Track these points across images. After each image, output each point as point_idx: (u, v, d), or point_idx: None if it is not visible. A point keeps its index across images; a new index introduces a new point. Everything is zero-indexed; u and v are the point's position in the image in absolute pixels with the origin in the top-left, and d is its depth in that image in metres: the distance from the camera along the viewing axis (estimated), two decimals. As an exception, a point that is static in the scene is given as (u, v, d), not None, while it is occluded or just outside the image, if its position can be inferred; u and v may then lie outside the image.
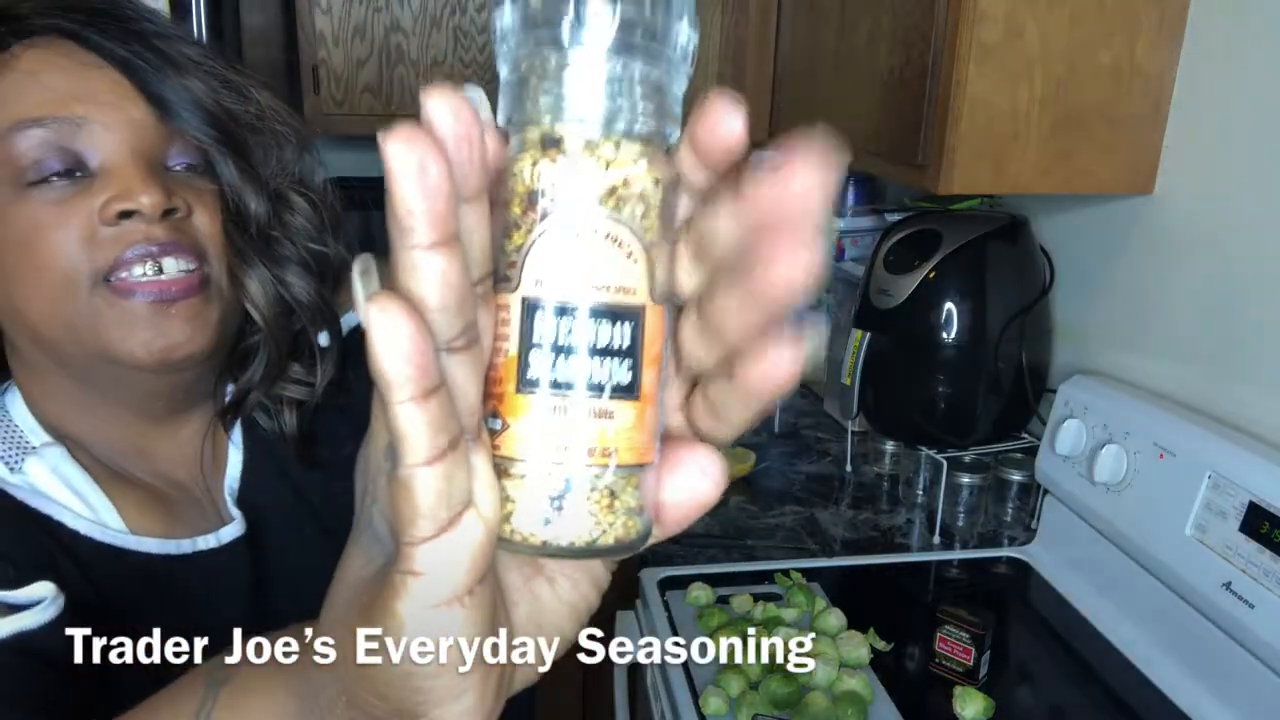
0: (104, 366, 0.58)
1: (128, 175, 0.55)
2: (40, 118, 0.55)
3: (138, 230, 0.55)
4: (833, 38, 1.45)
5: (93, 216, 0.55)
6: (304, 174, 0.65)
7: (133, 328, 0.56)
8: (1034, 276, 1.36)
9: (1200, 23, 1.12)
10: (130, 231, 0.55)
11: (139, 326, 0.56)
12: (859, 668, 1.09)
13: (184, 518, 0.63)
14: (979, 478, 1.40)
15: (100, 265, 0.55)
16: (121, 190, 0.55)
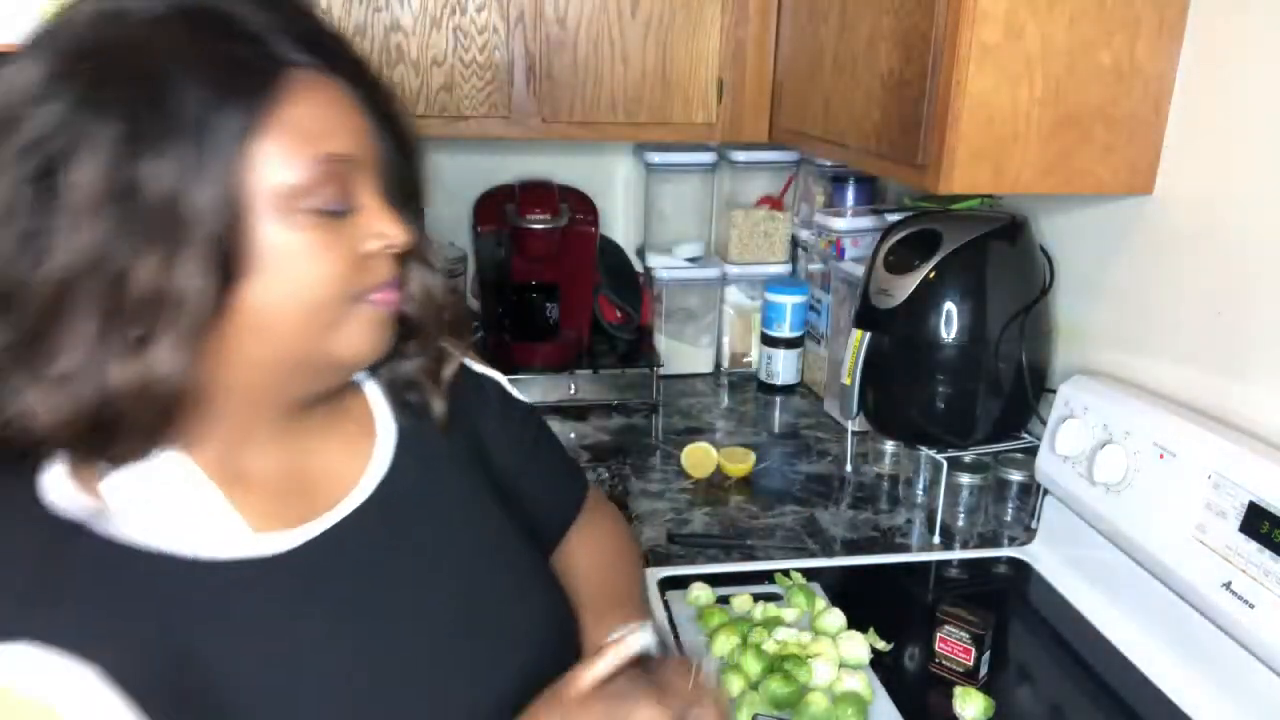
0: (312, 376, 0.68)
1: (384, 217, 0.66)
2: (349, 156, 0.64)
3: (388, 262, 0.68)
4: (833, 38, 1.45)
5: (355, 247, 0.65)
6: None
7: (360, 337, 0.67)
8: (1034, 276, 1.36)
9: (1200, 23, 1.12)
10: (384, 263, 0.67)
11: (371, 333, 0.68)
12: (859, 668, 1.09)
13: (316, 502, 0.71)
14: (979, 478, 1.40)
15: (360, 288, 0.66)
16: (388, 231, 0.66)
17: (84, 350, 0.57)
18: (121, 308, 0.57)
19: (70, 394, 0.57)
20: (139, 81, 0.57)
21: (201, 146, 0.57)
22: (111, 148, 0.56)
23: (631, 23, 1.69)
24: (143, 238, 0.56)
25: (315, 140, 0.62)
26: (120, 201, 0.56)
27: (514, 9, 1.70)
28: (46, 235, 0.56)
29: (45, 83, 0.58)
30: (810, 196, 2.02)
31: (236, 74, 0.59)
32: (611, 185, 2.17)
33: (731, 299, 2.11)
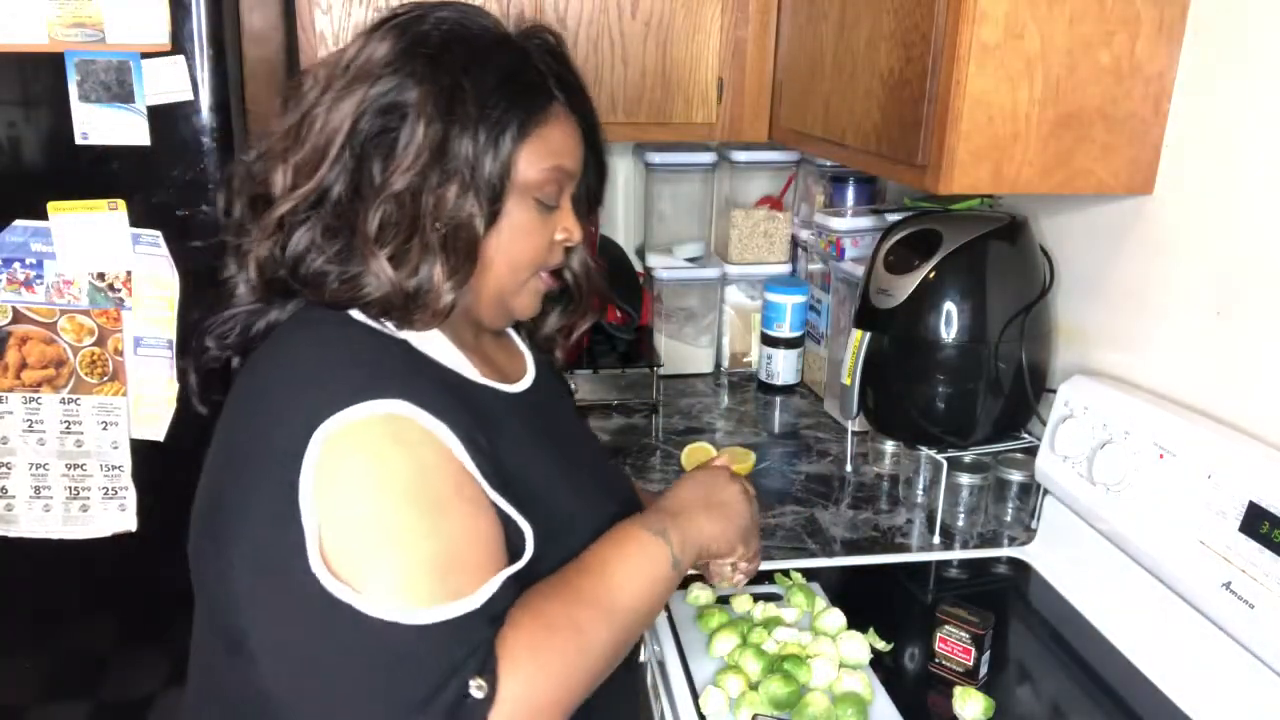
0: (498, 311, 0.93)
1: (572, 219, 0.94)
2: (570, 172, 0.91)
3: (562, 251, 0.96)
4: (833, 38, 1.45)
5: (551, 235, 0.93)
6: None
7: (531, 299, 0.95)
8: (1034, 276, 1.36)
9: (1200, 23, 1.12)
10: (560, 250, 0.95)
11: (535, 299, 0.96)
12: (859, 668, 1.09)
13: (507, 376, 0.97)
14: (979, 478, 1.40)
15: (543, 263, 0.93)
16: (571, 229, 0.94)
17: (405, 245, 0.82)
18: (432, 217, 0.82)
19: (392, 275, 0.81)
20: (465, 75, 0.82)
21: (495, 134, 0.83)
22: (437, 114, 0.81)
23: (631, 23, 1.69)
24: (448, 176, 0.82)
25: (556, 155, 0.88)
26: (437, 150, 0.81)
27: (514, 9, 1.70)
28: (381, 161, 0.82)
29: (396, 56, 0.83)
30: (810, 196, 2.02)
31: (527, 95, 0.86)
32: (612, 185, 2.16)
33: (731, 299, 2.11)
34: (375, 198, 0.81)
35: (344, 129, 0.82)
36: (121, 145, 1.35)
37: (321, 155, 0.82)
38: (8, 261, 1.38)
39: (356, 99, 0.81)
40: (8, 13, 1.29)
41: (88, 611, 1.54)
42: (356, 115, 0.81)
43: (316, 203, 0.83)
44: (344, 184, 0.82)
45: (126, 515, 1.48)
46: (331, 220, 0.83)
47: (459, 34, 0.85)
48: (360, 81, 0.82)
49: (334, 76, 0.84)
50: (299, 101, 0.86)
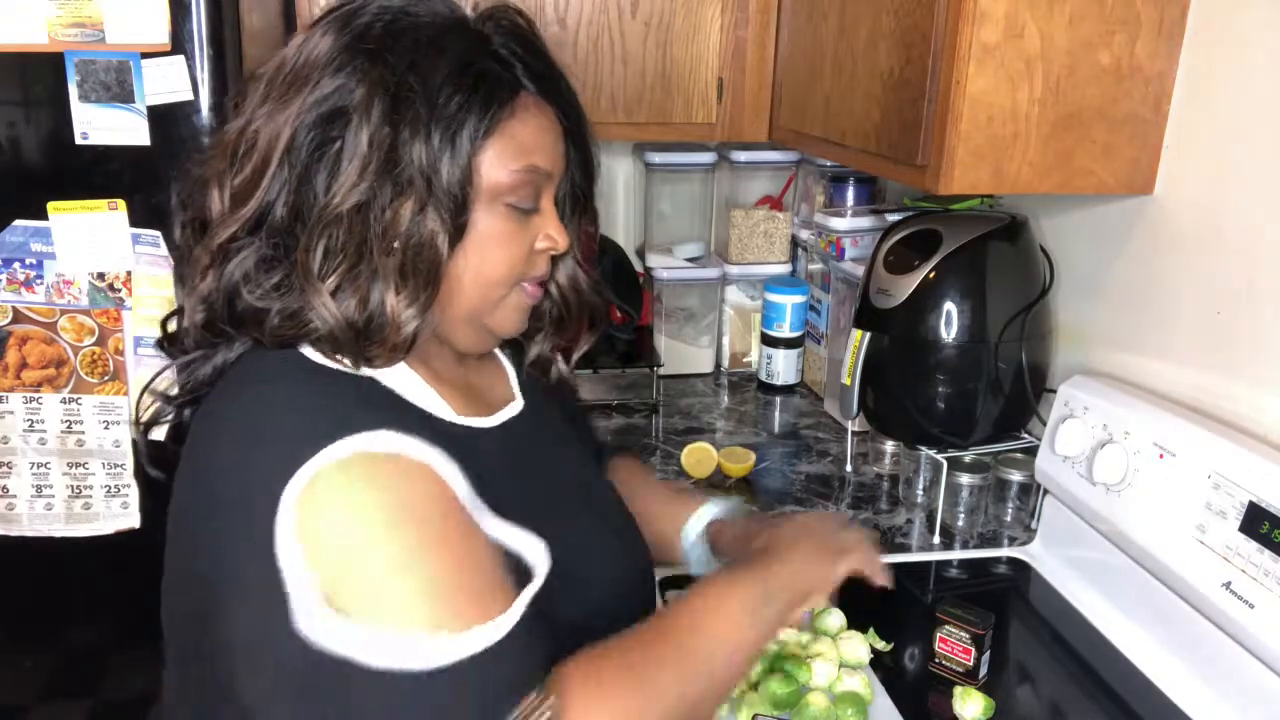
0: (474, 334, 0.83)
1: (555, 223, 0.82)
2: (545, 171, 0.80)
3: (547, 260, 0.85)
4: (833, 38, 1.45)
5: (531, 243, 0.81)
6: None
7: (514, 316, 0.84)
8: (1034, 276, 1.36)
9: (1200, 23, 1.12)
10: (544, 259, 0.84)
11: (517, 315, 0.84)
12: (859, 668, 1.09)
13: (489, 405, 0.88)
14: (979, 478, 1.40)
15: (522, 275, 0.82)
16: (555, 235, 0.82)
17: (352, 272, 0.73)
18: (385, 238, 0.73)
19: (335, 311, 0.72)
20: (412, 71, 0.73)
21: (452, 134, 0.73)
22: (382, 118, 0.72)
23: (631, 23, 1.69)
24: (402, 189, 0.72)
25: (526, 153, 0.78)
26: (385, 159, 0.72)
27: (514, 9, 1.70)
28: (325, 176, 0.73)
29: (336, 54, 0.73)
30: (810, 196, 2.02)
31: (486, 86, 0.75)
32: (611, 185, 2.17)
33: (731, 299, 2.11)
34: (318, 220, 0.72)
35: (281, 142, 0.73)
36: (121, 145, 1.35)
37: (259, 173, 0.73)
38: (8, 261, 1.38)
39: (294, 107, 0.72)
40: (8, 13, 1.29)
41: (89, 611, 1.54)
42: (295, 126, 0.72)
43: (254, 228, 0.75)
44: (283, 203, 0.74)
45: (130, 513, 1.48)
46: (267, 248, 0.74)
47: (404, 23, 0.75)
48: (298, 87, 0.73)
49: (274, 80, 0.75)
50: (239, 113, 0.77)
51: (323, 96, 0.72)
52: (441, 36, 0.75)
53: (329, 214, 0.72)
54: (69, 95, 1.32)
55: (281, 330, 0.74)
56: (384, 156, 0.72)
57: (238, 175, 0.75)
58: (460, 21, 0.78)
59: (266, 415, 0.71)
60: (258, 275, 0.75)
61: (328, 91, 0.72)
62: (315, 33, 0.75)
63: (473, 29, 0.78)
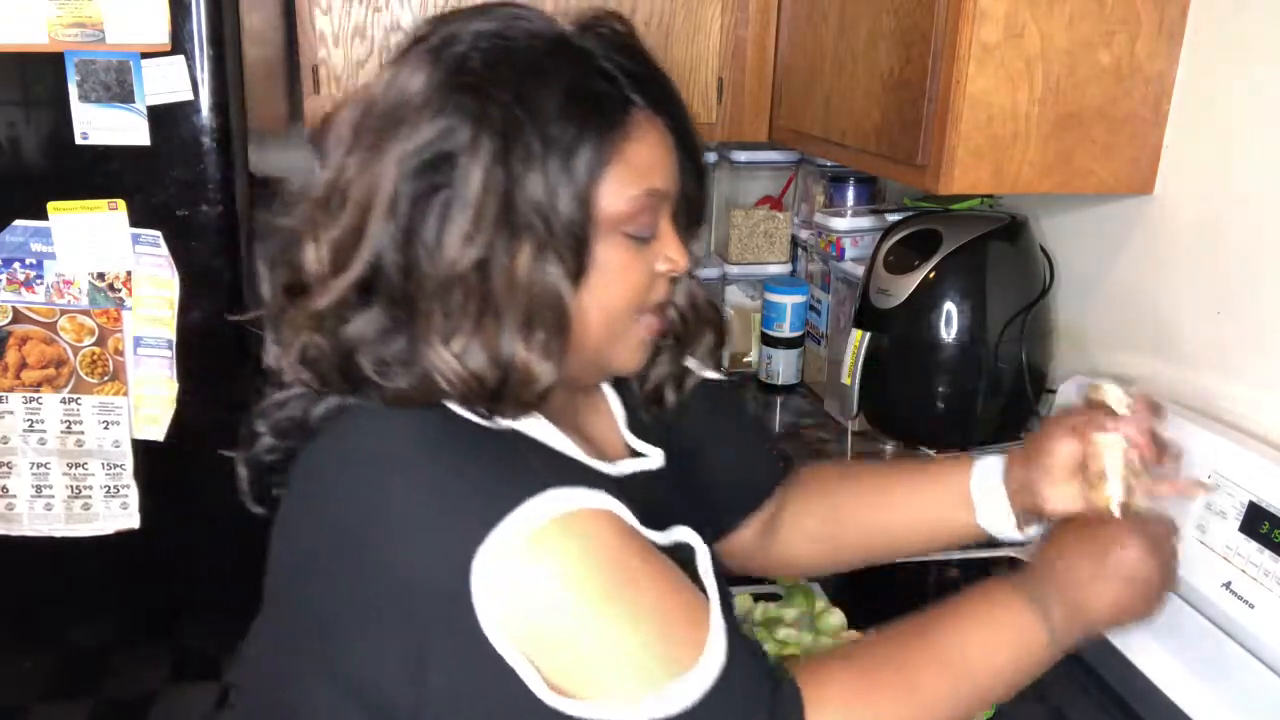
0: (593, 370, 0.78)
1: (675, 244, 0.76)
2: (664, 192, 0.74)
3: (667, 283, 0.77)
4: (833, 38, 1.45)
5: (651, 268, 0.75)
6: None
7: (635, 351, 0.78)
8: (1034, 276, 1.36)
9: (1200, 23, 1.12)
10: (665, 283, 0.77)
11: (639, 351, 0.78)
12: (859, 668, 1.09)
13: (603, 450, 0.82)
14: (979, 478, 1.40)
15: (646, 303, 0.76)
16: (675, 257, 0.75)
17: (478, 330, 0.67)
18: (507, 289, 0.67)
19: (463, 373, 0.67)
20: (519, 103, 0.66)
21: (568, 167, 0.67)
22: (493, 159, 0.65)
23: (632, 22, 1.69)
24: (518, 234, 0.66)
25: (645, 176, 0.71)
26: (501, 203, 0.66)
27: (514, 9, 1.70)
28: (434, 228, 0.66)
29: (433, 92, 0.67)
30: (810, 196, 2.02)
31: (598, 110, 0.69)
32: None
33: (731, 299, 2.11)
34: (435, 279, 0.66)
35: (382, 194, 0.67)
36: (121, 145, 1.35)
37: (359, 229, 0.68)
38: (8, 261, 1.38)
39: (392, 155, 0.66)
40: (8, 13, 1.29)
41: (89, 611, 1.55)
42: (396, 175, 0.66)
43: (364, 288, 0.69)
44: (392, 263, 0.68)
45: (129, 513, 1.48)
46: (386, 315, 0.69)
47: (502, 50, 0.68)
48: (394, 131, 0.67)
49: (362, 124, 0.69)
50: (325, 158, 0.72)
51: (424, 142, 0.66)
52: (545, 60, 0.69)
53: (448, 271, 0.66)
54: (69, 95, 1.32)
55: (408, 396, 0.68)
56: (499, 201, 0.66)
57: (335, 230, 0.69)
58: (560, 40, 0.71)
59: (435, 488, 0.66)
60: (377, 344, 0.69)
61: (429, 136, 0.66)
62: (404, 69, 0.69)
63: (575, 46, 0.71)
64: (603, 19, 0.74)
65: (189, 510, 1.51)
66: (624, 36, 0.75)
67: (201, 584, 1.55)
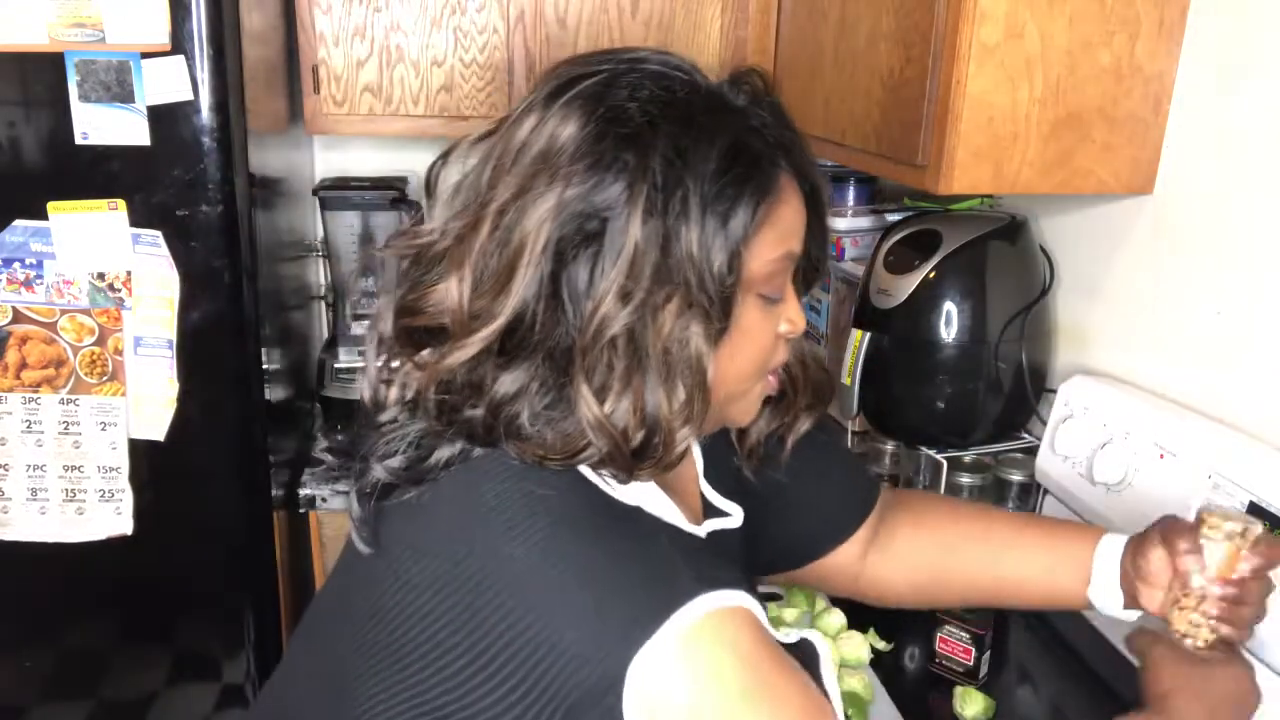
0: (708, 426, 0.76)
1: (796, 307, 0.76)
2: (796, 253, 0.73)
3: (786, 345, 0.77)
4: (833, 38, 1.45)
5: (776, 330, 0.74)
6: None
7: (753, 406, 0.78)
8: (1034, 276, 1.36)
9: (1200, 23, 1.12)
10: (785, 345, 0.77)
11: (755, 408, 0.79)
12: (859, 668, 1.09)
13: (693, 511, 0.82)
14: (979, 478, 1.40)
15: (770, 364, 0.76)
16: (796, 319, 0.75)
17: (627, 388, 0.65)
18: (656, 347, 0.65)
19: (615, 431, 0.65)
20: (681, 159, 0.65)
21: (725, 226, 0.66)
22: (651, 211, 0.64)
23: (631, 23, 1.69)
24: (670, 290, 0.65)
25: (786, 239, 0.71)
26: (657, 257, 0.64)
27: (514, 9, 1.70)
28: (584, 278, 0.65)
29: (593, 142, 0.65)
30: (810, 197, 2.01)
31: (757, 170, 0.68)
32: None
33: (731, 299, 2.10)
34: (589, 334, 0.64)
35: (537, 240, 0.64)
36: (121, 145, 1.35)
37: (509, 272, 0.65)
38: (8, 261, 1.38)
39: (550, 203, 0.64)
40: (8, 13, 1.29)
41: (88, 611, 1.55)
42: (551, 225, 0.64)
43: (508, 334, 0.66)
44: (541, 311, 0.65)
45: (122, 518, 1.48)
46: (544, 367, 0.67)
47: (663, 103, 0.67)
48: (547, 176, 0.65)
49: (504, 164, 0.68)
50: (461, 193, 0.70)
51: (582, 191, 0.64)
52: (704, 116, 0.67)
53: (600, 325, 0.64)
54: (69, 95, 1.32)
55: (553, 454, 0.66)
56: (655, 255, 0.64)
57: (479, 271, 0.67)
58: (717, 95, 0.71)
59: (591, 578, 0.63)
60: (536, 393, 0.67)
61: (588, 186, 0.65)
62: (556, 111, 0.67)
63: (730, 104, 0.71)
64: (751, 74, 0.73)
65: (188, 510, 1.51)
66: (768, 94, 0.74)
67: (200, 585, 1.55)
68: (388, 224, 1.86)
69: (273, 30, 1.66)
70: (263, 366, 1.50)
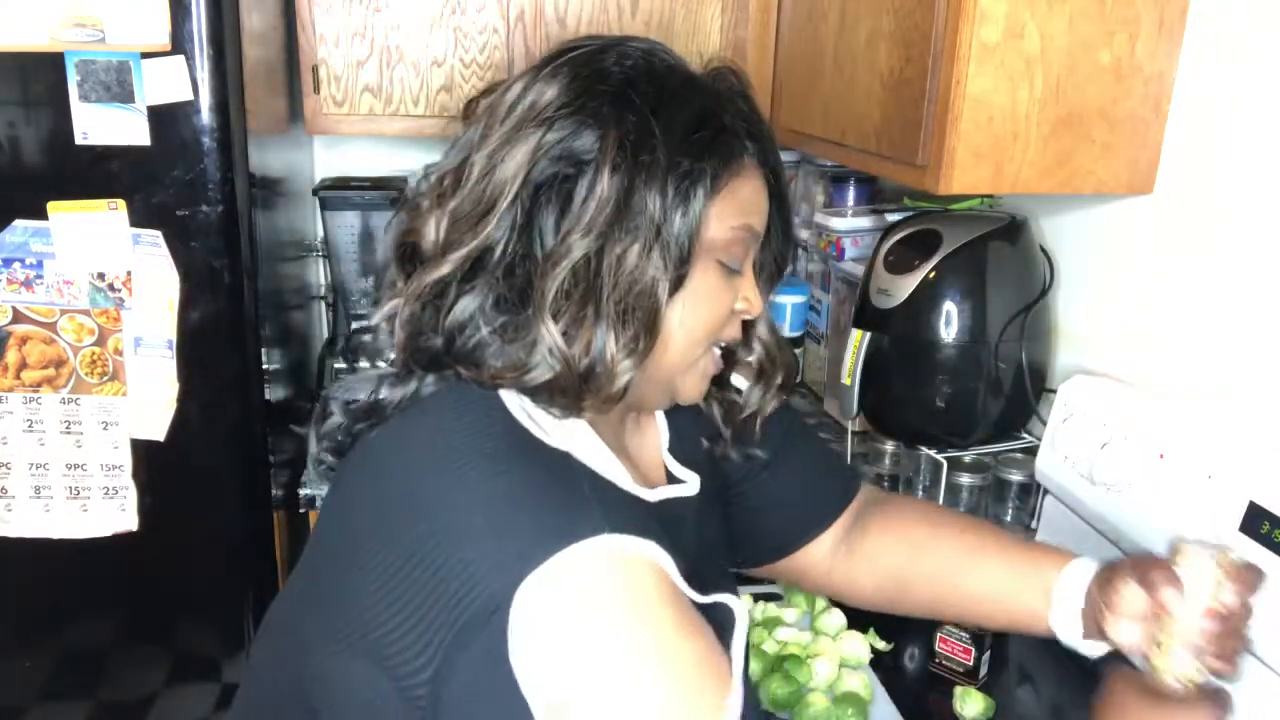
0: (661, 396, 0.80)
1: (753, 287, 0.81)
2: (757, 233, 0.79)
3: (739, 324, 0.82)
4: (833, 38, 1.45)
5: (731, 304, 0.79)
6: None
7: (700, 381, 0.81)
8: (1034, 276, 1.36)
9: (1200, 23, 1.12)
10: (738, 324, 0.82)
11: (702, 384, 0.82)
12: (859, 668, 1.09)
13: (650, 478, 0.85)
14: (979, 478, 1.40)
15: (720, 335, 0.80)
16: (752, 299, 0.80)
17: (579, 316, 0.70)
18: (611, 283, 0.70)
19: (567, 352, 0.70)
20: (655, 117, 0.71)
21: (689, 186, 0.72)
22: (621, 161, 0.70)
23: (631, 23, 1.69)
24: (631, 235, 0.70)
25: (745, 212, 0.77)
26: (621, 203, 0.70)
27: (514, 9, 1.70)
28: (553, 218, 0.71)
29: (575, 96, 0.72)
30: (810, 196, 2.02)
31: (722, 140, 0.74)
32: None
33: (731, 299, 2.10)
34: (552, 262, 0.70)
35: (515, 179, 0.71)
36: (121, 145, 1.35)
37: (487, 208, 0.72)
38: (8, 261, 1.38)
39: (529, 145, 0.71)
40: (8, 13, 1.29)
41: (88, 611, 1.55)
42: (530, 163, 0.71)
43: (477, 263, 0.73)
44: (511, 243, 0.72)
45: (127, 515, 1.48)
46: (502, 288, 0.72)
47: (645, 70, 0.74)
48: (531, 124, 0.72)
49: (495, 119, 0.74)
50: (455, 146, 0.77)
51: (559, 137, 0.71)
52: (679, 89, 0.75)
53: (567, 256, 0.70)
54: (69, 95, 1.32)
55: (501, 374, 0.72)
56: (621, 201, 0.70)
57: (458, 204, 0.73)
58: (694, 78, 0.77)
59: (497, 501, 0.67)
60: (491, 313, 0.73)
61: (565, 133, 0.71)
62: (544, 74, 0.74)
63: (707, 86, 0.77)
64: (730, 71, 0.80)
65: (188, 511, 1.51)
66: (746, 90, 0.80)
67: (200, 585, 1.55)
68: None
69: (273, 30, 1.66)
70: (263, 366, 1.50)
